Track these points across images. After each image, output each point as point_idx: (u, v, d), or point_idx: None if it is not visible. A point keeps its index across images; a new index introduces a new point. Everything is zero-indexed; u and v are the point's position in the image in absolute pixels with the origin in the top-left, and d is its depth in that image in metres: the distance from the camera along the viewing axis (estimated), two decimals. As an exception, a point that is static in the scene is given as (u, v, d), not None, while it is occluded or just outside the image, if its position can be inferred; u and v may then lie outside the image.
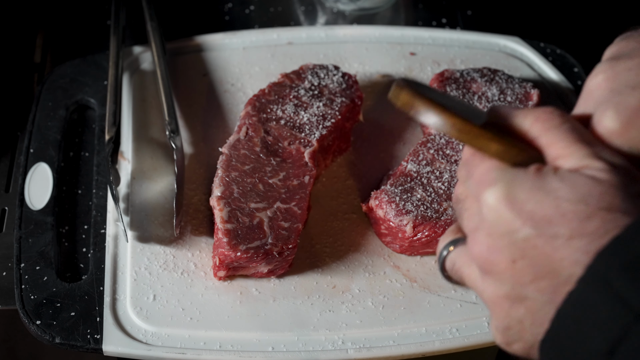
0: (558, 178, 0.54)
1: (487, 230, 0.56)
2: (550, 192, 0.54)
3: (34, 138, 1.00)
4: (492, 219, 0.55)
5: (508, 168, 0.56)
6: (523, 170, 0.56)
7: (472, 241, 0.57)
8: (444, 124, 0.57)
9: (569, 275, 0.53)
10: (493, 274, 0.56)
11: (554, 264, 0.53)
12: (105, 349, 0.83)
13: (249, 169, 0.90)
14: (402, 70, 1.10)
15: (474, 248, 0.57)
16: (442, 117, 0.57)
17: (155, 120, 1.03)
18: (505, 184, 0.55)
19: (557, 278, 0.53)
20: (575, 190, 0.53)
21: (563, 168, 0.55)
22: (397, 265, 0.90)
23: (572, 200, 0.53)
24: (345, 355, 0.83)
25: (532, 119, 0.58)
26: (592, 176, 0.54)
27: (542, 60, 1.13)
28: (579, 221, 0.53)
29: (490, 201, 0.56)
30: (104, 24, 1.19)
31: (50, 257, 0.89)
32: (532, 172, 0.55)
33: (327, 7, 1.23)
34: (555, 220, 0.53)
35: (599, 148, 0.56)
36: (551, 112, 0.58)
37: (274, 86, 0.99)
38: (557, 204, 0.53)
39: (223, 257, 0.84)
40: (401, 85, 0.59)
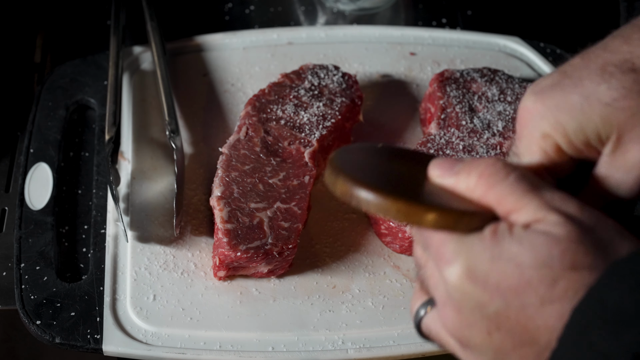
0: (516, 241, 0.53)
1: (456, 306, 0.54)
2: (510, 259, 0.52)
3: (34, 138, 1.00)
4: (458, 296, 0.54)
5: (463, 239, 0.54)
6: (479, 237, 0.54)
7: (443, 316, 0.56)
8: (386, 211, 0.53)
9: (547, 342, 0.52)
10: (471, 347, 0.55)
11: (530, 332, 0.52)
12: (105, 349, 0.83)
13: (249, 169, 0.90)
14: (402, 70, 1.10)
15: (447, 323, 0.56)
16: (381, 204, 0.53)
17: (155, 120, 1.03)
18: (464, 259, 0.53)
19: (536, 345, 0.52)
20: (535, 253, 0.52)
21: (517, 225, 0.54)
22: (397, 265, 0.90)
23: (535, 266, 0.52)
24: (345, 355, 0.83)
25: (476, 175, 0.56)
26: (549, 233, 0.52)
27: (542, 60, 1.13)
28: (545, 287, 0.51)
29: (452, 279, 0.54)
30: (104, 24, 1.19)
31: (50, 257, 0.89)
32: (488, 237, 0.53)
33: (327, 7, 1.23)
34: (522, 289, 0.52)
35: (550, 195, 0.54)
36: (494, 164, 0.56)
37: (274, 86, 0.99)
38: (521, 272, 0.52)
39: (223, 257, 0.84)
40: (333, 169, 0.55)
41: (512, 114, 0.97)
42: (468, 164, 0.57)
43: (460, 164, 0.57)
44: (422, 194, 0.56)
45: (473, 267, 0.53)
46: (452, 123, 0.96)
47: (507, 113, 0.97)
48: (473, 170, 0.56)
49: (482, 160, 0.56)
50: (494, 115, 0.97)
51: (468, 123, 0.96)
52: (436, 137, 0.95)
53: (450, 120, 0.97)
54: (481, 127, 0.96)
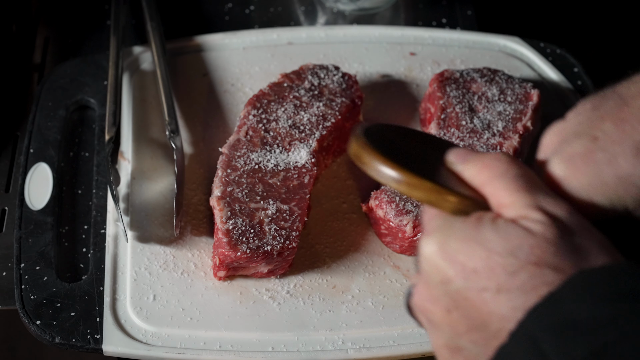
0: (493, 229, 0.54)
1: (425, 280, 0.56)
2: (482, 243, 0.54)
3: (34, 138, 1.00)
4: (428, 268, 0.56)
5: (448, 217, 0.57)
6: (462, 219, 0.56)
7: (416, 290, 0.58)
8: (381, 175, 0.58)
9: (497, 330, 0.53)
10: (433, 323, 0.57)
11: (483, 317, 0.53)
12: (105, 349, 0.83)
13: (249, 169, 0.90)
14: (402, 70, 1.10)
15: (415, 297, 0.58)
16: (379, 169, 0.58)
17: (155, 120, 1.03)
18: (441, 234, 0.56)
19: (487, 331, 0.54)
20: (506, 242, 0.53)
21: (502, 218, 0.55)
22: (397, 265, 0.90)
23: (502, 253, 0.53)
24: (345, 355, 0.83)
25: (480, 166, 0.58)
26: (527, 228, 0.53)
27: (542, 60, 1.13)
28: (506, 275, 0.52)
29: (426, 250, 0.56)
30: (104, 24, 1.19)
31: (50, 257, 0.89)
32: (471, 221, 0.55)
33: (327, 7, 1.23)
34: (484, 273, 0.53)
35: (542, 197, 0.56)
36: (499, 159, 0.58)
37: (274, 86, 0.99)
38: (487, 256, 0.53)
39: (223, 257, 0.84)
40: (356, 135, 0.61)
41: (512, 114, 0.97)
42: (478, 154, 0.59)
43: (473, 154, 0.60)
44: (430, 173, 0.59)
45: (447, 242, 0.55)
46: (452, 123, 0.96)
47: (507, 113, 0.97)
48: (479, 161, 0.58)
49: (490, 154, 0.59)
50: (494, 116, 0.97)
51: (468, 123, 0.96)
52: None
53: (450, 120, 0.97)
54: (481, 127, 0.96)
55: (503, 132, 0.95)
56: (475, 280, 0.53)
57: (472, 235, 0.54)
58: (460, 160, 0.60)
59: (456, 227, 0.55)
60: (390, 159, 0.58)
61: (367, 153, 0.59)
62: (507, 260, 0.52)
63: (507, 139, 0.94)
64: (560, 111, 1.06)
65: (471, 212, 0.57)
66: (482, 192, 0.58)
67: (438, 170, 0.60)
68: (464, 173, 0.59)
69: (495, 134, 0.95)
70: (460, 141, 0.94)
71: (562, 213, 0.55)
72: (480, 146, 0.94)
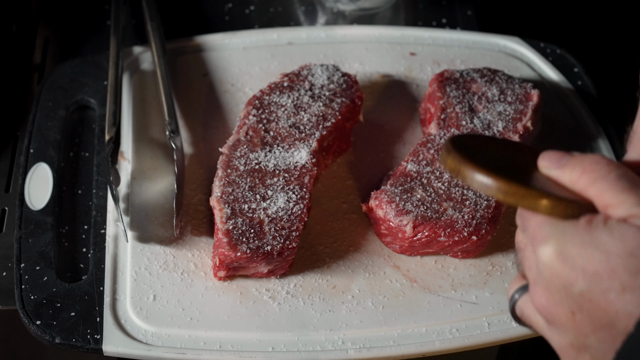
0: (607, 231, 0.56)
1: (545, 285, 0.58)
2: (599, 246, 0.55)
3: (34, 138, 1.01)
4: (548, 274, 0.57)
5: (559, 223, 0.58)
6: (573, 224, 0.57)
7: (533, 294, 0.60)
8: (490, 189, 0.59)
9: (625, 327, 0.54)
10: (556, 324, 0.59)
11: (610, 317, 0.55)
12: (105, 349, 0.83)
13: (249, 169, 0.90)
14: (402, 70, 1.10)
15: (535, 300, 0.59)
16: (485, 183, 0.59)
17: (155, 121, 1.03)
18: (557, 241, 0.57)
19: (614, 329, 0.55)
20: (624, 243, 0.55)
21: (612, 218, 0.56)
22: (397, 266, 0.90)
23: (621, 255, 0.54)
24: (345, 355, 0.83)
25: (580, 170, 0.59)
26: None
27: (542, 61, 1.13)
28: (629, 275, 0.54)
29: (544, 258, 0.57)
30: (104, 24, 1.19)
31: (50, 257, 0.89)
32: (582, 225, 0.57)
33: (327, 7, 1.23)
34: (606, 274, 0.55)
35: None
36: (598, 161, 0.59)
37: (274, 86, 0.99)
38: (607, 258, 0.55)
39: (223, 258, 0.84)
40: (448, 149, 0.61)
41: (512, 114, 0.97)
42: (574, 158, 0.60)
43: (568, 157, 0.60)
44: (527, 179, 0.60)
45: (564, 249, 0.56)
46: (452, 123, 0.96)
47: (507, 113, 0.97)
48: (578, 165, 0.59)
49: (587, 156, 0.60)
50: (494, 116, 0.97)
51: (468, 123, 0.96)
52: (436, 137, 0.95)
53: (450, 120, 0.97)
54: (481, 127, 0.96)
55: (503, 132, 0.95)
56: (598, 283, 0.55)
57: (587, 240, 0.56)
58: (556, 165, 0.61)
59: (570, 232, 0.57)
60: (493, 171, 0.59)
61: (467, 167, 0.60)
62: (628, 261, 0.54)
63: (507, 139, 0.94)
64: (560, 111, 1.07)
65: (579, 215, 0.58)
66: (586, 195, 0.59)
67: (534, 175, 0.61)
68: (562, 178, 0.60)
69: (495, 134, 0.95)
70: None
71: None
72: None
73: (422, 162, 0.93)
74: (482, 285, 0.89)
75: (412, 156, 0.94)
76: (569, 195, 0.59)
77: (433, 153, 0.93)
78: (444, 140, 0.61)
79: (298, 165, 0.91)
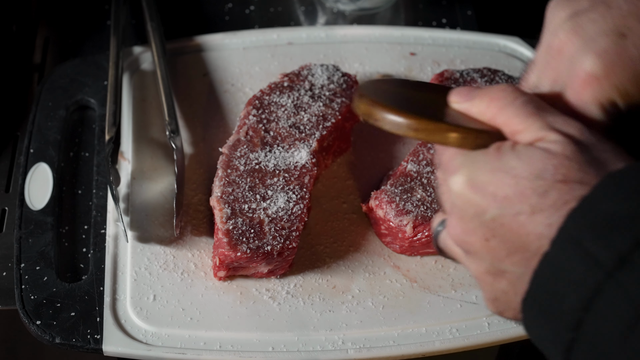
0: (515, 155, 0.57)
1: (458, 214, 0.59)
2: (508, 171, 0.56)
3: (34, 138, 1.01)
4: (460, 203, 0.58)
5: (469, 153, 0.59)
6: (483, 152, 0.58)
7: (449, 225, 0.61)
8: (401, 127, 0.60)
9: (537, 247, 0.55)
10: (472, 253, 0.60)
11: (522, 239, 0.56)
12: (105, 349, 0.83)
13: (249, 169, 0.90)
14: (402, 70, 1.10)
15: (451, 231, 0.61)
16: (396, 121, 0.60)
17: (156, 121, 1.03)
18: (467, 170, 0.58)
19: (527, 252, 0.56)
20: (531, 166, 0.56)
21: (520, 143, 0.58)
22: (397, 266, 0.90)
23: (529, 177, 0.55)
24: (345, 355, 0.83)
25: (487, 99, 0.60)
26: (547, 149, 0.56)
27: (542, 61, 1.12)
28: (537, 197, 0.55)
29: (455, 187, 0.59)
30: (104, 24, 1.19)
31: (51, 257, 0.89)
32: (492, 152, 0.58)
33: (327, 8, 1.23)
34: (516, 198, 0.56)
35: (552, 118, 0.58)
36: (504, 89, 0.60)
37: (274, 86, 0.99)
38: (516, 182, 0.56)
39: (223, 258, 0.84)
40: (359, 94, 0.62)
41: (512, 114, 0.97)
42: (482, 89, 0.61)
43: (476, 90, 0.62)
44: (437, 115, 0.61)
45: (474, 176, 0.58)
46: (452, 123, 0.96)
47: (507, 113, 0.97)
48: (485, 95, 0.61)
49: (494, 86, 0.61)
50: (494, 116, 0.97)
51: (468, 123, 0.96)
52: (436, 137, 0.95)
53: (450, 120, 0.97)
54: (481, 127, 0.96)
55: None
56: (509, 207, 0.56)
57: (496, 166, 0.57)
58: (465, 98, 0.62)
59: (479, 161, 0.58)
60: (403, 110, 0.60)
61: (377, 109, 0.61)
62: (536, 183, 0.55)
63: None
64: (560, 111, 1.07)
65: (489, 144, 0.59)
66: (494, 123, 0.60)
67: (446, 111, 0.62)
68: (472, 110, 0.61)
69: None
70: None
71: (575, 130, 0.57)
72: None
73: (422, 162, 0.93)
74: (482, 285, 0.89)
75: (412, 156, 0.94)
76: (479, 126, 0.60)
77: (433, 153, 0.93)
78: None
79: (298, 165, 0.91)
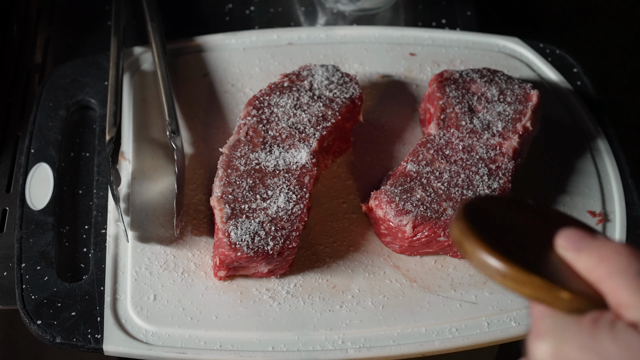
0: (612, 336, 0.51)
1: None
2: (600, 353, 0.51)
3: (34, 138, 1.01)
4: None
5: (561, 318, 0.53)
6: (577, 321, 0.53)
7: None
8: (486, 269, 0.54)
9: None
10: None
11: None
12: (105, 348, 0.83)
13: (249, 169, 0.91)
14: (402, 71, 1.10)
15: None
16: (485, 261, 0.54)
17: (156, 121, 1.03)
18: (555, 339, 0.53)
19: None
20: (627, 353, 0.50)
21: (622, 321, 0.52)
22: (397, 265, 0.91)
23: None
24: (345, 355, 0.83)
25: (597, 258, 0.54)
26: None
27: (541, 61, 1.13)
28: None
29: (539, 355, 0.53)
30: (105, 24, 1.19)
31: (51, 257, 0.90)
32: (586, 324, 0.52)
33: (327, 8, 1.23)
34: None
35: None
36: (619, 251, 0.54)
37: (274, 86, 0.99)
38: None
39: (223, 257, 0.84)
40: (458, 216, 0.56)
41: (511, 114, 0.97)
42: (595, 242, 0.55)
43: (588, 241, 0.56)
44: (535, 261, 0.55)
45: (561, 349, 0.52)
46: (452, 123, 0.96)
47: (507, 114, 0.97)
48: (596, 252, 0.55)
49: (609, 243, 0.55)
50: (494, 116, 0.97)
51: (468, 123, 0.96)
52: (436, 137, 0.95)
53: (449, 120, 0.97)
54: (481, 128, 0.96)
55: (503, 132, 0.95)
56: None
57: (589, 343, 0.51)
58: (574, 248, 0.56)
59: (571, 331, 0.52)
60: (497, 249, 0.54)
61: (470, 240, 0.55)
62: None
63: (507, 139, 0.95)
64: (559, 111, 1.07)
65: (586, 310, 0.53)
66: (599, 287, 0.54)
67: (547, 257, 0.56)
68: (578, 263, 0.55)
69: (494, 135, 0.95)
70: (459, 141, 0.94)
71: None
72: (479, 146, 0.94)
73: (422, 162, 0.93)
74: (481, 285, 0.89)
75: (412, 156, 0.94)
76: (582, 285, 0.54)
77: (433, 153, 0.94)
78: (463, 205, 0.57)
79: (298, 166, 0.92)
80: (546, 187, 0.99)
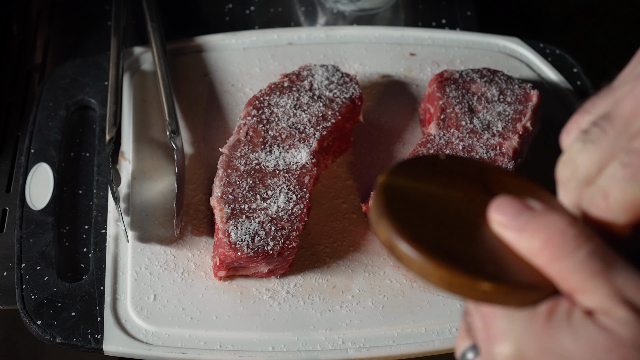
0: (572, 334, 0.47)
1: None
2: (563, 355, 0.47)
3: (34, 138, 1.01)
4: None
5: (514, 316, 0.49)
6: (531, 317, 0.49)
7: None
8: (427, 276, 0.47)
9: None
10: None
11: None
12: (105, 348, 0.83)
13: (249, 169, 0.91)
14: (402, 71, 1.10)
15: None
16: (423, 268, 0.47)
17: (156, 121, 1.03)
18: (514, 342, 0.49)
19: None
20: (591, 354, 0.46)
21: (578, 309, 0.48)
22: (396, 265, 0.91)
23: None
24: (345, 355, 0.83)
25: (541, 241, 0.49)
26: (612, 331, 0.47)
27: (541, 61, 1.13)
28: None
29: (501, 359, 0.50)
30: (105, 24, 1.19)
31: (51, 257, 0.90)
32: (541, 319, 0.48)
33: (327, 8, 1.23)
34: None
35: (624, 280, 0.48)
36: (564, 232, 0.48)
37: (274, 86, 0.99)
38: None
39: (223, 257, 0.84)
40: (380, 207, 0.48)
41: (511, 114, 0.97)
42: (535, 218, 0.50)
43: (527, 215, 0.50)
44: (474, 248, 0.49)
45: (523, 353, 0.49)
46: (452, 123, 0.96)
47: (507, 114, 0.97)
48: (539, 233, 0.49)
49: (553, 221, 0.49)
50: (494, 116, 0.97)
51: (468, 123, 0.96)
52: (436, 137, 0.95)
53: (449, 120, 0.97)
54: (481, 128, 0.96)
55: (503, 132, 0.96)
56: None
57: (549, 344, 0.48)
58: (512, 225, 0.50)
59: (528, 332, 0.49)
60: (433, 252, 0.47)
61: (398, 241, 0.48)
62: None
63: (507, 139, 0.95)
64: (559, 111, 1.07)
65: (538, 300, 0.49)
66: (547, 272, 0.49)
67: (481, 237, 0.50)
68: (519, 244, 0.50)
69: (494, 135, 0.95)
70: (459, 141, 0.94)
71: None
72: (480, 146, 0.94)
73: (422, 162, 0.93)
74: (481, 285, 0.89)
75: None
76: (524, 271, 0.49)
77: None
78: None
79: (298, 166, 0.92)
80: (546, 187, 0.98)
